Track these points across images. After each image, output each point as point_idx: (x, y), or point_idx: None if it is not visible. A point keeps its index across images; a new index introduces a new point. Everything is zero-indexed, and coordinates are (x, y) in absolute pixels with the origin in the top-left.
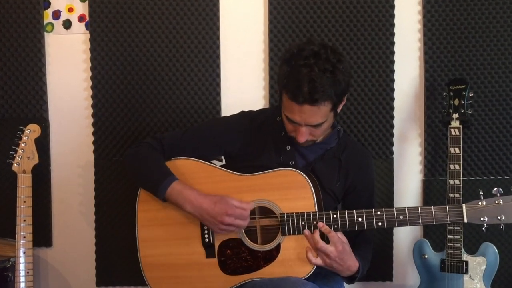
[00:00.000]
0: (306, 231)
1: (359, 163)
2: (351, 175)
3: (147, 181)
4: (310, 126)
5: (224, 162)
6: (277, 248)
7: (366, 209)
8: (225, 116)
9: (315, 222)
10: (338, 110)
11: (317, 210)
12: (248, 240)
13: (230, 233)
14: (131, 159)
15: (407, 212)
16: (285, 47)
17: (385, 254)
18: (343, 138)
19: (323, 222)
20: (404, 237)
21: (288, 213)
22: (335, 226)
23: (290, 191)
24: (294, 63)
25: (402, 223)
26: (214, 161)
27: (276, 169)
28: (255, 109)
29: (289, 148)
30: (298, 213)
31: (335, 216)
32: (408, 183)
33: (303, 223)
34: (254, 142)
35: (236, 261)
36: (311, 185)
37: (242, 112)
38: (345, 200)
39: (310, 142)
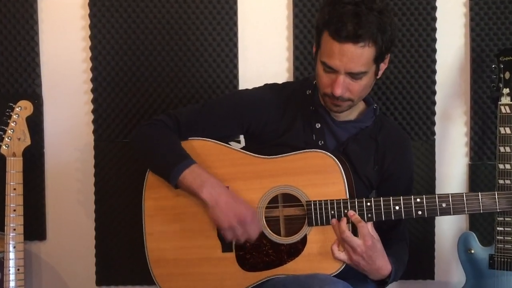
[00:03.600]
0: (334, 221)
1: (398, 146)
2: (388, 160)
3: (160, 164)
4: (349, 74)
5: (241, 143)
6: (303, 240)
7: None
8: (247, 89)
9: (346, 211)
10: (380, 72)
11: (348, 197)
12: (270, 232)
13: (233, 237)
14: (141, 139)
15: (450, 199)
16: (311, 12)
17: (425, 249)
18: (379, 117)
19: (355, 210)
20: (448, 230)
21: (316, 201)
22: (369, 215)
23: (318, 175)
24: (338, 0)
25: (444, 212)
26: (231, 142)
27: (302, 151)
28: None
29: (319, 126)
30: (327, 200)
31: (368, 204)
32: (452, 168)
33: (332, 212)
34: (279, 119)
35: (256, 256)
36: (341, 169)
37: (266, 85)
38: (380, 188)
39: (345, 104)
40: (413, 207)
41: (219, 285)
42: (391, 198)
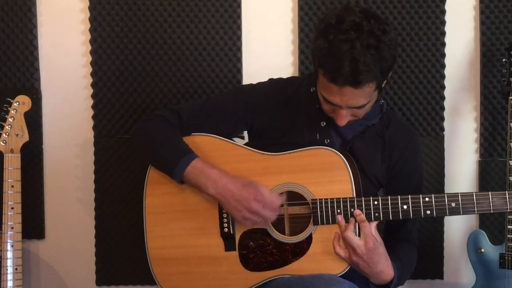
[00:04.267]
0: (339, 217)
1: (406, 142)
2: (396, 157)
3: (162, 159)
4: (351, 108)
5: (245, 140)
6: (308, 240)
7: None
8: (251, 84)
9: (352, 210)
10: (383, 85)
11: (355, 195)
12: (275, 231)
13: (253, 224)
14: (141, 134)
15: (460, 198)
16: (317, 5)
17: (434, 248)
18: (386, 113)
19: (361, 209)
20: (457, 228)
21: (321, 199)
22: (376, 214)
23: (324, 173)
24: (332, 38)
25: (454, 212)
26: (235, 138)
27: (307, 148)
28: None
29: (324, 124)
30: (333, 199)
31: (376, 202)
32: (461, 165)
33: (338, 210)
34: (283, 116)
35: (260, 255)
36: (348, 166)
37: (271, 80)
38: (388, 186)
39: (351, 122)
40: (422, 206)
41: (221, 285)
42: (399, 197)
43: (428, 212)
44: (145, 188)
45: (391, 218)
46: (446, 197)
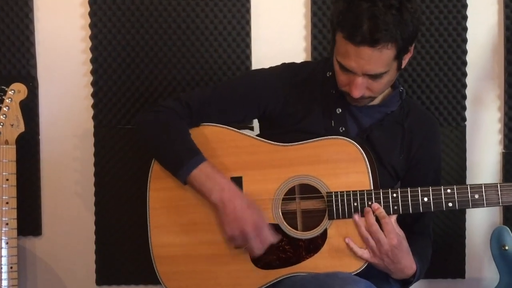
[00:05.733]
0: (356, 217)
1: (425, 132)
2: (416, 147)
3: (168, 157)
4: (368, 76)
5: (255, 131)
6: (323, 235)
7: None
8: (263, 69)
9: (370, 203)
10: (403, 63)
11: (372, 188)
12: (288, 226)
13: (235, 246)
14: (147, 126)
15: (483, 189)
16: None
17: (455, 245)
18: (405, 101)
19: (380, 203)
20: (480, 224)
21: (337, 192)
22: (395, 207)
23: (339, 164)
24: None
25: (477, 204)
26: (245, 130)
27: (322, 138)
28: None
29: (340, 111)
30: (349, 191)
31: (394, 195)
32: (484, 157)
33: (355, 204)
34: (297, 101)
35: (271, 252)
36: (365, 157)
37: (284, 64)
38: (405, 178)
39: (366, 100)
40: (443, 198)
41: (230, 284)
42: (419, 188)
43: (450, 204)
44: (149, 182)
45: (411, 212)
46: (469, 188)
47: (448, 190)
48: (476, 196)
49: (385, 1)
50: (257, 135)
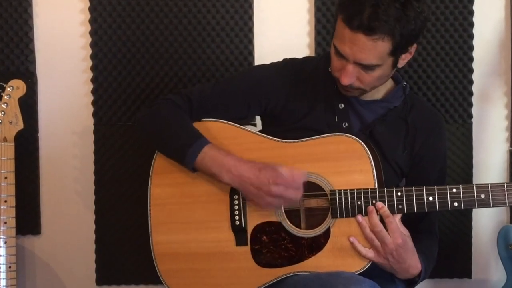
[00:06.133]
0: (359, 217)
1: (430, 128)
2: (419, 143)
3: (171, 146)
4: (360, 65)
5: (258, 127)
6: (326, 234)
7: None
8: (264, 65)
9: (374, 202)
10: (400, 62)
11: (377, 186)
12: (290, 224)
13: (285, 206)
14: (148, 120)
15: (490, 189)
16: None
17: (462, 245)
18: (409, 96)
19: (384, 201)
20: (486, 223)
21: (341, 190)
22: (399, 206)
23: (343, 162)
24: None
25: (483, 204)
26: (247, 126)
27: (326, 135)
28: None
29: (342, 106)
30: (353, 190)
31: (399, 194)
32: (491, 155)
33: (359, 202)
34: (299, 97)
35: (273, 250)
36: (370, 155)
37: (286, 60)
38: (409, 175)
39: (356, 91)
40: (449, 198)
41: (232, 282)
42: (424, 187)
43: (456, 204)
44: (151, 178)
45: (415, 211)
46: (475, 188)
47: (454, 190)
48: (482, 196)
49: None
50: (259, 131)
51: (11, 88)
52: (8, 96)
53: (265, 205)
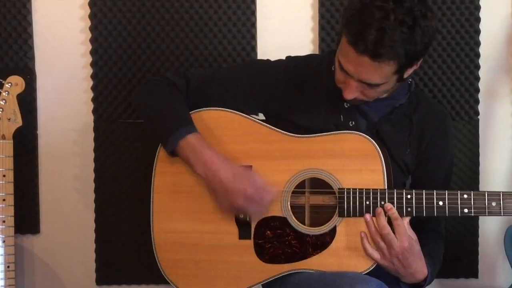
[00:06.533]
0: (368, 216)
1: (437, 125)
2: (426, 141)
3: (158, 125)
4: (364, 82)
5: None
6: (332, 232)
7: (441, 187)
8: (268, 60)
9: (383, 203)
10: (405, 75)
11: (386, 187)
12: (296, 221)
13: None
14: (143, 95)
15: (501, 197)
16: None
17: (468, 244)
18: (415, 93)
19: (393, 203)
20: (493, 223)
21: (350, 189)
22: (408, 209)
23: (354, 160)
24: (368, 1)
25: (494, 212)
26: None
27: (338, 132)
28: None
29: (348, 105)
30: (362, 189)
31: (409, 196)
32: (498, 152)
33: (367, 202)
34: (303, 96)
35: (277, 246)
36: (381, 154)
37: (289, 57)
38: (415, 174)
39: (359, 102)
40: (459, 204)
41: (232, 276)
42: (434, 191)
43: (466, 210)
44: (155, 165)
45: (424, 215)
46: (486, 195)
47: (465, 196)
48: (494, 204)
49: (398, 15)
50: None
51: (9, 84)
52: (6, 92)
53: (224, 209)
